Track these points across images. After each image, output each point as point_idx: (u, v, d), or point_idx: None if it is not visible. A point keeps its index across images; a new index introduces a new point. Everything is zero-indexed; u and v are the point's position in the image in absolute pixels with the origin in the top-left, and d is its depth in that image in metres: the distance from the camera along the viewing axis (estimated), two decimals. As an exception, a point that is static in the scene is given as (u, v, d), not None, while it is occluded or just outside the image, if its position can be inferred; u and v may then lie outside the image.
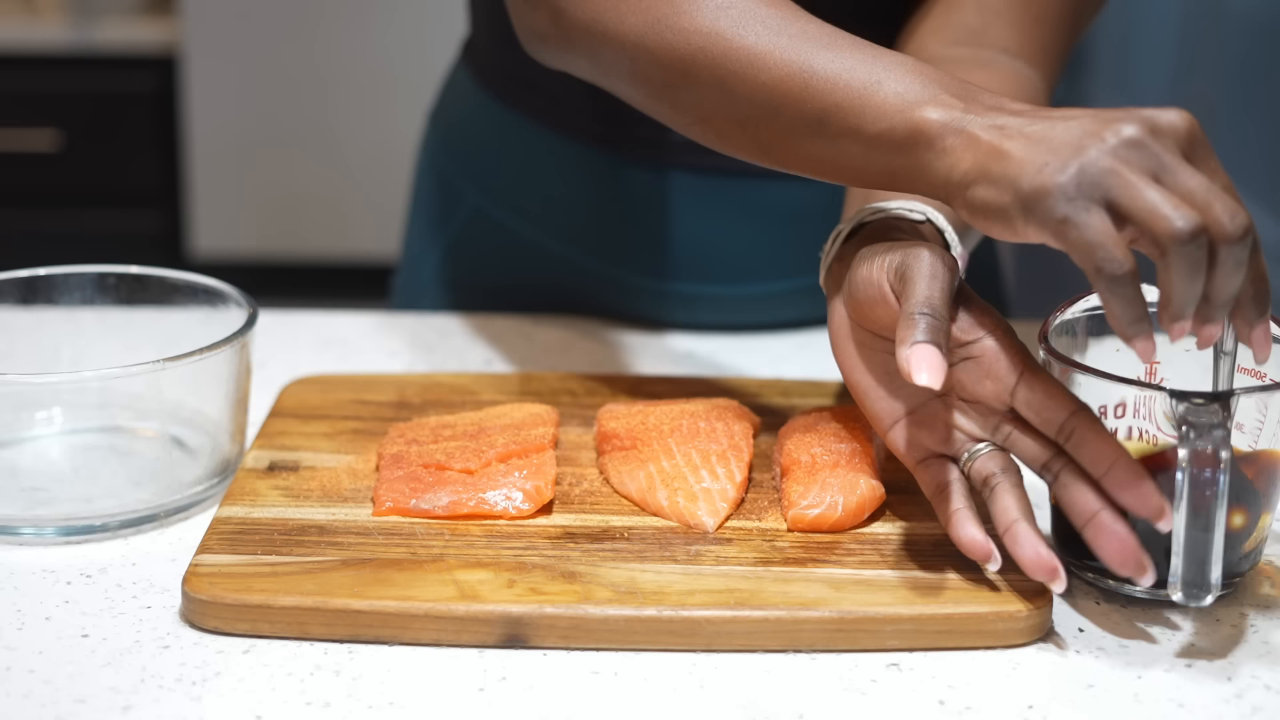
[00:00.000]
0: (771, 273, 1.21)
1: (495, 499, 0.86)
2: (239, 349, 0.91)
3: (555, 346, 1.18)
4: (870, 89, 0.80)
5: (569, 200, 1.21)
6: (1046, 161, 0.73)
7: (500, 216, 1.24)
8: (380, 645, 0.77)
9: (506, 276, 1.25)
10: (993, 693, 0.74)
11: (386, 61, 3.08)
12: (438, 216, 1.30)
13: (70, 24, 3.08)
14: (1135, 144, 0.73)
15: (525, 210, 1.23)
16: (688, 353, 1.18)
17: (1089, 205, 0.72)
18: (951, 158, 0.77)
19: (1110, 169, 0.72)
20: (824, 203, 1.14)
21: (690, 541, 0.84)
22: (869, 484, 0.86)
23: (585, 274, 1.22)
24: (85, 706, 0.72)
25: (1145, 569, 0.76)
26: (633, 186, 1.19)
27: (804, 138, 0.83)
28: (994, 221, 0.76)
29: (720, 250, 1.19)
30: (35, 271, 0.99)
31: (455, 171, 1.28)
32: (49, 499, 0.89)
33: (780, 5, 0.85)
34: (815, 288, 1.19)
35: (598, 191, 1.20)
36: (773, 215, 1.18)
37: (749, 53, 0.83)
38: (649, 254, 1.20)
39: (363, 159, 3.14)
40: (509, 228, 1.24)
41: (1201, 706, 0.74)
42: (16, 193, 3.15)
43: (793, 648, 0.77)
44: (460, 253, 1.27)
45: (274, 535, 0.84)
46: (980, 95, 0.79)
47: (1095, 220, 0.72)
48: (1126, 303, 0.72)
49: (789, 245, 1.19)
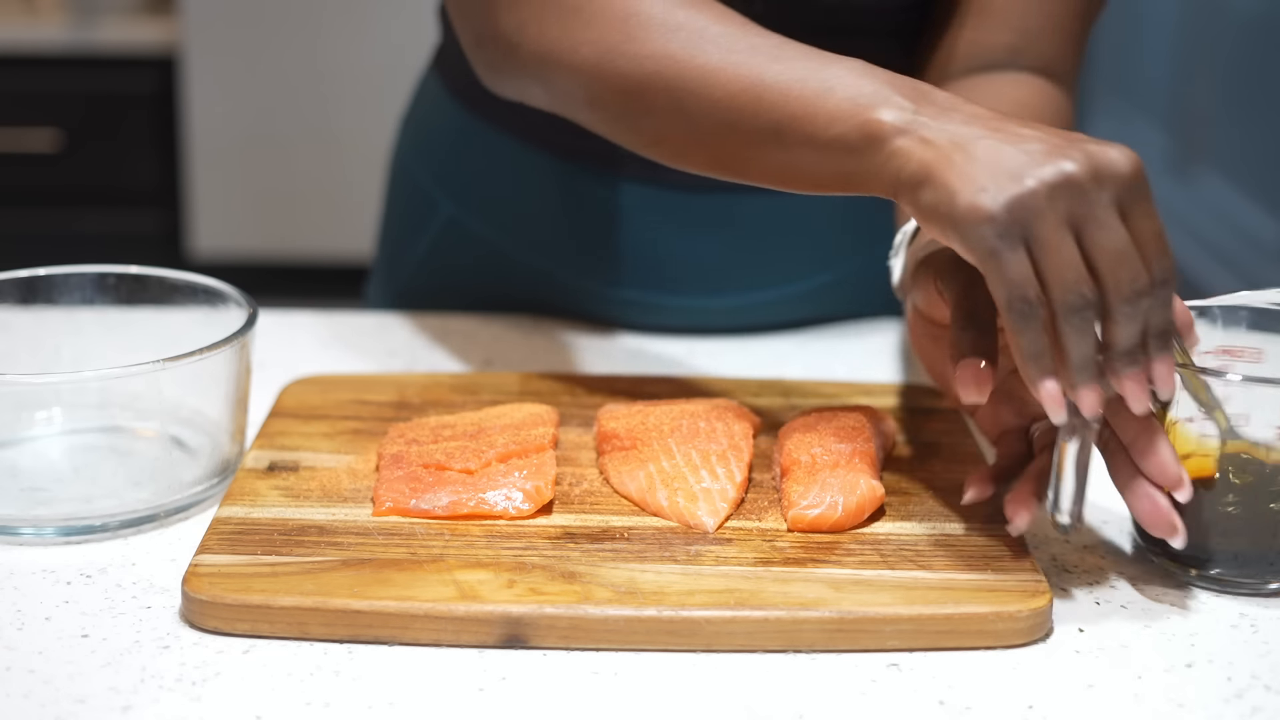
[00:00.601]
0: (749, 283, 1.20)
1: (495, 499, 0.86)
2: (239, 349, 0.91)
3: (555, 346, 1.18)
4: (822, 96, 0.81)
5: (541, 211, 1.20)
6: (984, 186, 0.74)
7: (473, 225, 1.23)
8: (380, 645, 0.77)
9: (482, 286, 1.24)
10: (993, 693, 0.74)
11: (386, 61, 3.09)
12: (411, 223, 1.29)
13: (70, 24, 3.08)
14: (1071, 185, 0.75)
15: (498, 220, 1.22)
16: (687, 353, 1.18)
17: (1015, 243, 0.75)
18: (901, 159, 0.78)
19: (1039, 213, 0.74)
20: (801, 210, 1.15)
21: (690, 541, 0.84)
22: (869, 484, 0.86)
23: (560, 285, 1.21)
24: (85, 706, 0.72)
25: (1176, 530, 0.79)
26: (604, 197, 1.18)
27: (761, 149, 0.84)
28: (933, 226, 0.77)
29: (700, 261, 1.19)
30: (35, 271, 0.99)
31: (428, 179, 1.26)
32: (49, 499, 0.89)
33: (729, 21, 0.86)
34: (798, 296, 1.20)
35: (568, 202, 1.19)
36: (748, 226, 1.18)
37: (702, 72, 0.84)
38: (621, 265, 1.19)
39: (362, 159, 3.14)
40: (483, 237, 1.23)
41: (1201, 706, 0.74)
42: (16, 193, 3.15)
43: (793, 648, 0.77)
44: (435, 261, 1.26)
45: (274, 535, 0.84)
46: (933, 95, 0.80)
47: (1018, 259, 0.75)
48: (1030, 338, 0.76)
49: (767, 256, 1.19)
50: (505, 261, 1.23)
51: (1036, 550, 0.87)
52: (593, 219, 1.19)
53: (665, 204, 1.17)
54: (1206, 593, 0.84)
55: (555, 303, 1.23)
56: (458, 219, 1.24)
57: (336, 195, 3.18)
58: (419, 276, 1.28)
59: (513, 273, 1.23)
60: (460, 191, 1.24)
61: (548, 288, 1.22)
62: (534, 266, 1.22)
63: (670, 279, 1.19)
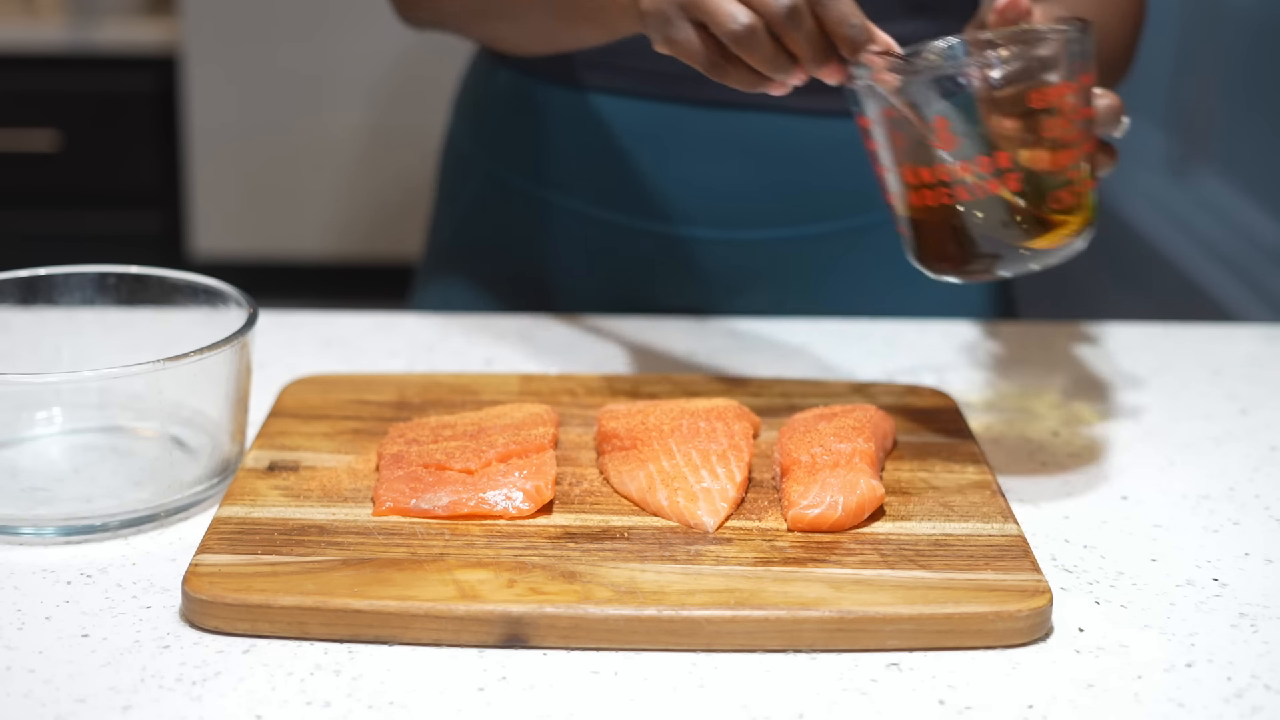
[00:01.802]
0: (785, 219, 1.24)
1: (495, 499, 0.86)
2: (239, 349, 0.91)
3: (555, 346, 1.18)
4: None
5: (570, 148, 1.25)
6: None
7: (507, 176, 1.28)
8: (380, 645, 0.77)
9: (520, 241, 1.29)
10: (993, 693, 0.74)
11: (386, 61, 3.08)
12: (449, 190, 1.35)
13: (70, 24, 3.08)
14: None
15: (531, 167, 1.27)
16: (688, 352, 1.18)
17: (682, 22, 0.87)
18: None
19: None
20: (835, 139, 1.20)
21: (690, 541, 0.84)
22: (869, 484, 0.86)
23: (593, 225, 1.25)
24: (85, 706, 0.72)
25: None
26: (637, 123, 1.22)
27: (557, 20, 1.07)
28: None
29: (734, 191, 1.23)
30: (35, 271, 0.99)
31: (467, 140, 1.32)
32: (49, 499, 0.89)
33: None
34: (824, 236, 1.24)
35: (600, 136, 1.23)
36: (778, 154, 1.22)
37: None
38: (656, 197, 1.23)
39: (362, 159, 3.14)
40: (518, 188, 1.28)
41: (1201, 706, 0.74)
42: (16, 193, 3.15)
43: (793, 648, 0.77)
44: (473, 220, 1.31)
45: (274, 535, 0.84)
46: None
47: (685, 34, 0.87)
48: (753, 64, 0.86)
49: (799, 188, 1.23)
50: (543, 209, 1.27)
51: (1037, 550, 0.87)
52: (621, 147, 1.23)
53: (697, 126, 1.21)
54: (1206, 593, 0.84)
55: (589, 249, 1.26)
56: (493, 173, 1.29)
57: (336, 195, 3.18)
58: (459, 237, 1.33)
59: (550, 221, 1.27)
60: (492, 142, 1.29)
61: (581, 232, 1.26)
62: (566, 208, 1.26)
63: (703, 211, 1.23)
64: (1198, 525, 0.92)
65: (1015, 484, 0.96)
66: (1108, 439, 1.03)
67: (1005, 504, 0.89)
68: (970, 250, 0.86)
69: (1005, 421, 1.06)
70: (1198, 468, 1.00)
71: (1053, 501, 0.94)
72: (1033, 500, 0.94)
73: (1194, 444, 1.03)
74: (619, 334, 1.21)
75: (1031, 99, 0.83)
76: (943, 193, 0.85)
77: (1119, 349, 1.20)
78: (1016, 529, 0.86)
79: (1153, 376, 1.15)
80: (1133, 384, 1.13)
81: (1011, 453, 1.01)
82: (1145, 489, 0.96)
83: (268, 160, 3.15)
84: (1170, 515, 0.93)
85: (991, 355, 1.18)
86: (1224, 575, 0.86)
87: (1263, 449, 1.03)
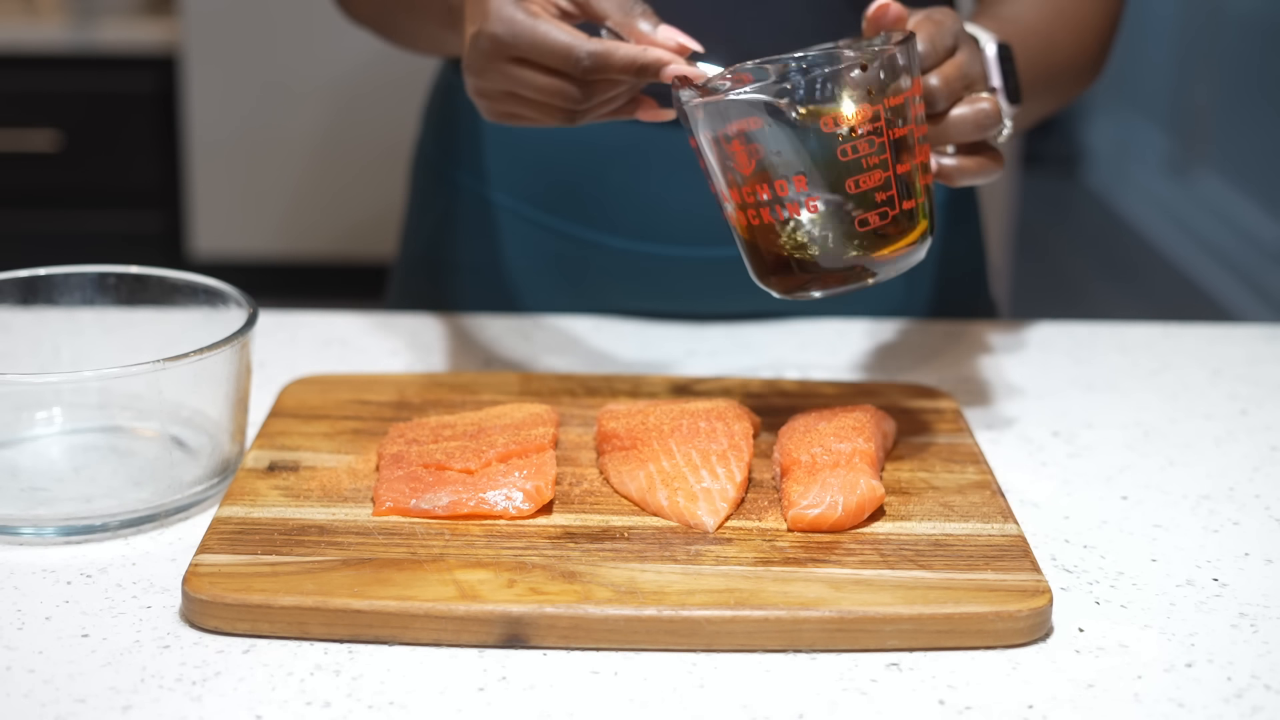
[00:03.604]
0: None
1: (495, 499, 0.86)
2: (239, 349, 0.91)
3: (555, 346, 1.18)
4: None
5: (546, 163, 1.23)
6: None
7: (477, 188, 1.26)
8: (380, 645, 0.77)
9: (492, 253, 1.27)
10: (993, 693, 0.74)
11: (386, 62, 3.08)
12: (421, 199, 1.33)
13: (70, 24, 3.08)
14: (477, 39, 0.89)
15: (503, 180, 1.25)
16: (688, 352, 1.18)
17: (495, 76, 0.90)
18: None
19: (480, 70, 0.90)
20: None
21: (690, 541, 0.84)
22: (869, 484, 0.86)
23: (570, 243, 1.23)
24: (85, 706, 0.72)
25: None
26: (609, 142, 1.20)
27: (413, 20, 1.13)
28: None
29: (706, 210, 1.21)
30: (35, 271, 0.99)
31: (435, 150, 1.31)
32: (49, 499, 0.89)
33: None
34: None
35: (574, 150, 1.21)
36: None
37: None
38: (631, 215, 1.21)
39: (362, 160, 3.13)
40: (489, 200, 1.26)
41: (1201, 706, 0.74)
42: (16, 193, 3.15)
43: (793, 648, 0.77)
44: (445, 231, 1.29)
45: (274, 535, 0.84)
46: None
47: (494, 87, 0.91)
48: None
49: None
50: (516, 222, 1.25)
51: (1037, 550, 0.87)
52: (597, 162, 1.21)
53: (671, 145, 1.19)
54: (1206, 593, 0.84)
55: (564, 268, 1.24)
56: (467, 186, 1.27)
57: (336, 195, 3.18)
58: (430, 250, 1.31)
59: (521, 235, 1.25)
60: (463, 156, 1.27)
61: (555, 249, 1.24)
62: (541, 224, 1.24)
63: (679, 229, 1.21)
64: (1198, 525, 0.92)
65: (1015, 484, 0.96)
66: (1108, 439, 1.03)
67: (1005, 504, 0.89)
68: (801, 267, 0.87)
69: (1005, 421, 1.06)
70: (1198, 468, 1.00)
71: (1053, 501, 0.94)
72: (1033, 500, 0.94)
73: (1194, 444, 1.03)
74: (618, 334, 1.21)
75: (824, 122, 0.84)
76: (764, 211, 0.86)
77: (1119, 349, 1.20)
78: (1016, 529, 0.86)
79: (1153, 376, 1.15)
80: (1133, 384, 1.13)
81: (1011, 453, 1.01)
82: (1145, 489, 0.96)
83: (268, 160, 3.15)
84: (1170, 515, 0.93)
85: (991, 355, 1.18)
86: (1224, 575, 0.86)
87: (1263, 449, 1.03)
